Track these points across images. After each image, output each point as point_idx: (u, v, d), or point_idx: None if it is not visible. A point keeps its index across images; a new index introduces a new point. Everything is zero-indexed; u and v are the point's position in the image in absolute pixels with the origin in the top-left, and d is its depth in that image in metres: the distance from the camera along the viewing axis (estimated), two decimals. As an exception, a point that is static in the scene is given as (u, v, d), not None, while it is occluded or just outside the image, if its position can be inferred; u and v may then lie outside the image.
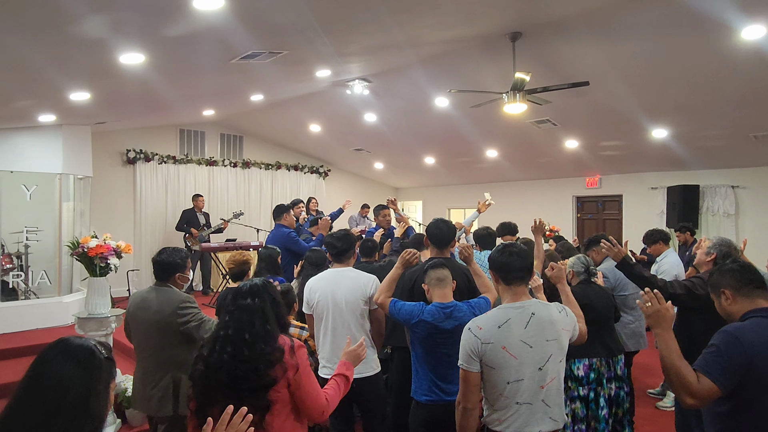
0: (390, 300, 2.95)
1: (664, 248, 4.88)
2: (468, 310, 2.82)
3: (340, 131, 9.45)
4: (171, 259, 3.00)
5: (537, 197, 10.42)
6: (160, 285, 3.01)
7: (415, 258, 3.13)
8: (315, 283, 3.28)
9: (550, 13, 4.65)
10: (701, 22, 4.42)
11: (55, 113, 6.11)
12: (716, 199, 8.21)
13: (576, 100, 6.50)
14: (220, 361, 1.94)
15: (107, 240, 3.93)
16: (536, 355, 2.06)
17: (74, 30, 3.21)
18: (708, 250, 3.16)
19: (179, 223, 8.79)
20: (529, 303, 2.14)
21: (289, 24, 3.79)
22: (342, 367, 2.26)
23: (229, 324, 2.03)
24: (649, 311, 1.99)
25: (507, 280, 2.18)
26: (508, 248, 2.23)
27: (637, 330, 4.21)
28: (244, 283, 2.15)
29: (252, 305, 2.03)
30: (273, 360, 1.93)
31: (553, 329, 2.11)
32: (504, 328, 2.07)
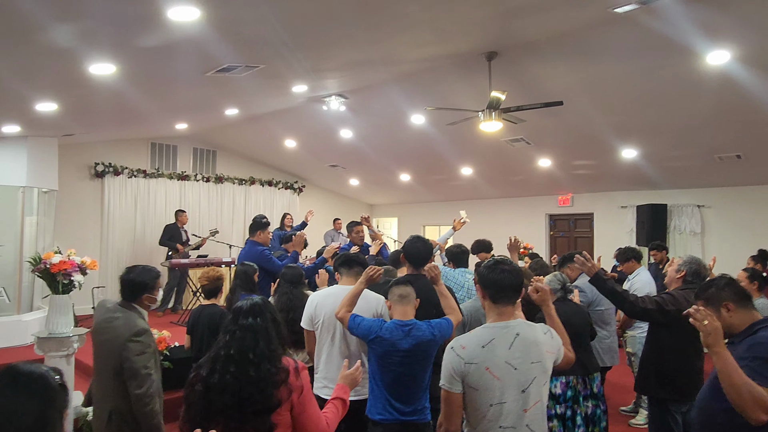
0: (350, 315, 2.90)
1: (636, 266, 4.94)
2: (427, 329, 2.78)
3: (316, 147, 9.41)
4: (140, 279, 2.82)
5: (511, 215, 10.53)
6: (125, 305, 2.84)
7: (378, 275, 3.09)
8: (322, 299, 3.16)
9: (526, 34, 4.74)
10: (669, 46, 4.57)
11: (20, 124, 5.90)
12: (683, 218, 8.43)
13: (549, 120, 6.62)
14: (223, 381, 1.86)
15: (71, 256, 3.77)
16: (520, 377, 1.99)
17: (41, 39, 3.10)
18: (678, 267, 3.22)
19: (162, 238, 8.56)
20: (515, 323, 2.08)
21: (265, 39, 3.76)
22: (339, 391, 2.20)
23: (231, 344, 1.94)
24: (709, 329, 1.93)
25: (495, 299, 2.10)
26: (500, 265, 2.13)
27: (612, 345, 4.24)
28: (243, 302, 2.07)
29: (255, 325, 1.95)
30: (278, 381, 1.86)
31: (537, 351, 2.05)
32: (488, 348, 2.00)
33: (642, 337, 4.92)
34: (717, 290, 2.19)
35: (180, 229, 8.68)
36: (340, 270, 3.28)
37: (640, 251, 5.14)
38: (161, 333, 4.41)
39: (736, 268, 5.44)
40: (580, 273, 4.30)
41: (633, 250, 5.00)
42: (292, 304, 3.87)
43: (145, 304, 2.87)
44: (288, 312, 3.82)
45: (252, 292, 4.24)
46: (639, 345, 4.90)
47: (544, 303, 2.50)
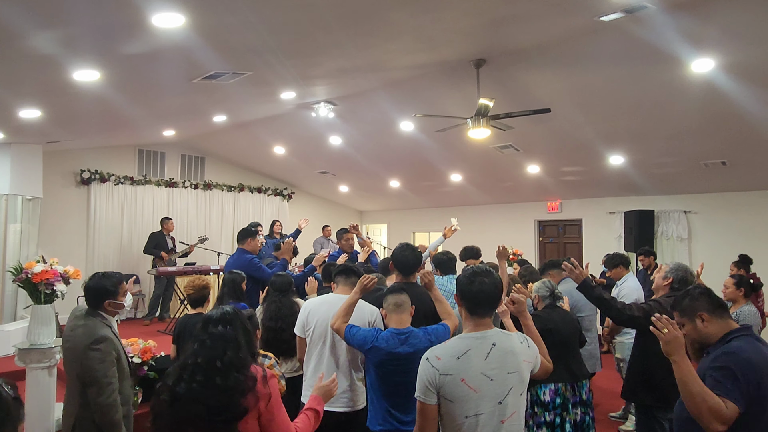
0: (346, 325, 2.88)
1: (624, 272, 4.96)
2: (424, 336, 2.77)
3: (305, 154, 9.38)
4: (100, 285, 2.78)
5: (500, 221, 10.55)
6: (90, 313, 2.79)
7: (372, 283, 3.07)
8: (315, 306, 3.15)
9: (514, 42, 4.77)
10: (654, 54, 4.61)
11: (2, 131, 5.82)
12: (670, 223, 8.49)
13: (538, 127, 6.65)
14: (190, 390, 1.84)
15: (54, 265, 3.70)
16: (497, 388, 1.95)
17: (23, 46, 3.05)
18: (665, 274, 3.23)
19: (147, 246, 8.46)
20: (491, 333, 2.05)
21: (252, 46, 3.74)
22: (313, 402, 2.18)
23: (199, 352, 1.92)
24: (668, 338, 1.97)
25: (471, 310, 2.07)
26: (479, 276, 2.07)
27: (593, 352, 4.25)
28: (214, 311, 2.06)
29: (225, 333, 1.94)
30: (246, 389, 1.84)
31: (514, 361, 2.01)
32: (463, 359, 1.96)
33: (631, 343, 4.92)
34: (691, 300, 2.20)
35: (165, 237, 8.58)
36: (337, 279, 3.27)
37: (628, 257, 5.16)
38: (147, 343, 4.34)
39: (722, 273, 5.50)
40: (561, 279, 4.31)
41: (621, 256, 5.02)
42: (281, 312, 3.84)
43: (110, 311, 2.81)
44: (277, 321, 3.79)
45: (240, 301, 4.19)
46: (628, 351, 4.88)
47: (521, 314, 2.49)
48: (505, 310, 2.61)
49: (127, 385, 2.76)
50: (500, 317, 2.60)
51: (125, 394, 2.73)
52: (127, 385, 2.77)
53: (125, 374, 2.75)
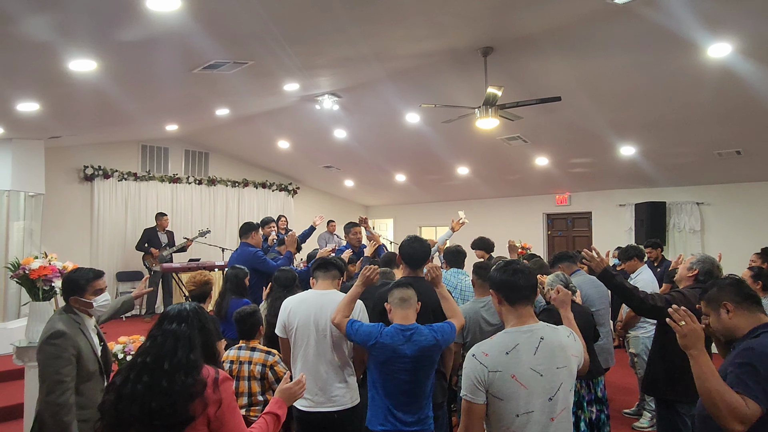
0: (347, 320, 2.76)
1: (638, 265, 4.83)
2: (430, 334, 2.67)
3: (310, 148, 9.27)
4: (68, 279, 2.65)
5: (508, 214, 10.41)
6: (64, 309, 2.67)
7: (376, 275, 2.95)
8: (295, 305, 3.01)
9: (522, 28, 4.62)
10: (669, 40, 4.45)
11: (3, 126, 5.73)
12: (682, 215, 8.32)
13: (546, 117, 6.50)
14: (134, 391, 1.72)
15: (52, 261, 3.60)
16: (546, 384, 1.87)
17: (14, 31, 2.94)
18: (690, 265, 3.10)
19: (140, 243, 8.39)
20: (538, 327, 1.96)
21: (253, 32, 3.61)
22: (274, 405, 2.02)
23: (150, 350, 1.80)
24: (685, 330, 1.88)
25: (511, 300, 1.98)
26: (511, 265, 2.03)
27: (605, 346, 4.12)
28: (173, 306, 1.95)
29: (178, 331, 1.82)
30: (193, 393, 1.72)
31: (563, 355, 1.93)
32: (512, 355, 1.88)
33: (645, 337, 4.81)
34: (718, 290, 2.10)
35: (159, 233, 8.49)
36: (316, 274, 3.13)
37: (642, 250, 5.03)
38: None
39: (736, 265, 5.34)
40: (572, 272, 4.19)
41: (635, 248, 4.88)
42: None
43: (83, 309, 2.66)
44: (281, 317, 3.68)
45: (243, 297, 4.10)
46: (642, 346, 4.78)
47: (563, 305, 2.38)
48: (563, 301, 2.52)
49: (93, 387, 2.58)
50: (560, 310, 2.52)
51: (89, 396, 2.55)
52: (94, 387, 2.59)
53: (91, 375, 2.58)
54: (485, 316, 3.44)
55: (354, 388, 2.95)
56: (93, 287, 2.67)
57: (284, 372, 3.16)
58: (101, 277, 2.73)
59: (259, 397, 3.10)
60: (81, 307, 2.65)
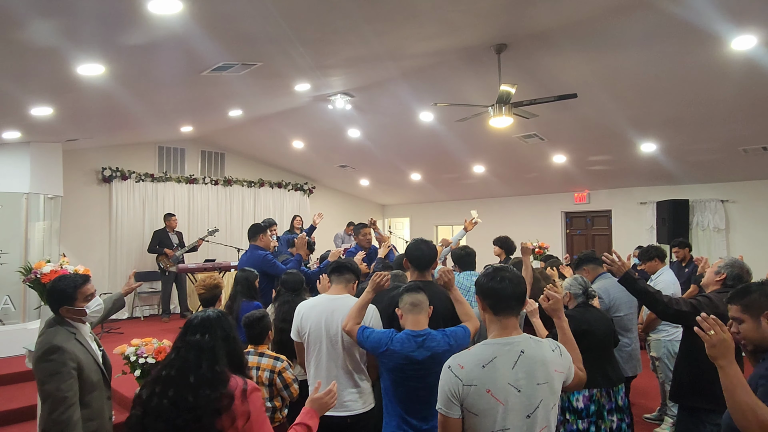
0: (358, 327, 2.70)
1: (659, 265, 4.66)
2: (443, 339, 2.58)
3: (324, 147, 9.24)
4: (54, 288, 2.47)
5: (525, 213, 10.25)
6: (55, 320, 2.48)
7: (386, 281, 2.88)
8: (307, 310, 2.98)
9: (537, 24, 4.50)
10: (690, 33, 4.30)
11: (20, 130, 5.81)
12: (706, 213, 8.08)
13: (563, 114, 6.35)
14: (159, 407, 1.69)
15: (64, 264, 3.62)
16: (525, 400, 1.77)
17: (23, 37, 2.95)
18: (718, 269, 2.96)
19: (151, 245, 8.45)
20: (519, 339, 1.86)
21: (260, 33, 3.57)
22: (305, 416, 1.97)
23: (174, 363, 1.77)
24: (714, 340, 1.76)
25: (496, 310, 1.89)
26: (499, 272, 1.92)
27: (633, 353, 3.96)
28: (196, 314, 1.90)
29: (201, 342, 1.78)
30: (220, 408, 1.68)
31: (545, 371, 1.82)
32: (489, 368, 1.78)
33: (666, 340, 4.65)
34: (761, 296, 1.95)
35: (169, 234, 8.53)
36: (331, 277, 3.08)
37: (663, 250, 4.86)
38: (161, 342, 4.24)
39: (762, 265, 5.14)
40: (598, 275, 4.05)
41: (656, 248, 4.71)
42: (293, 313, 3.68)
43: (75, 318, 2.49)
44: (289, 321, 3.62)
45: (253, 299, 4.07)
46: (663, 349, 4.62)
47: (555, 314, 2.26)
48: (533, 309, 2.37)
49: (98, 397, 2.48)
50: (529, 317, 2.37)
51: (95, 407, 2.45)
52: (99, 397, 2.49)
53: (95, 386, 2.47)
54: (497, 320, 3.35)
55: (367, 393, 2.90)
56: (83, 293, 2.51)
57: (292, 378, 3.12)
58: (88, 281, 2.57)
59: (267, 404, 3.06)
60: (73, 316, 2.50)
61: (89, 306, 2.51)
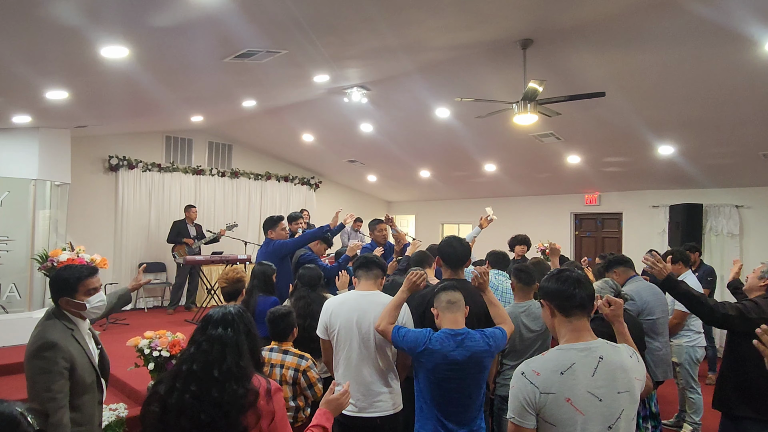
0: (393, 327, 2.61)
1: (683, 269, 4.58)
2: (482, 339, 2.51)
3: (334, 142, 9.12)
4: (57, 278, 2.34)
5: (534, 213, 10.15)
6: (54, 312, 2.32)
7: (423, 281, 2.79)
8: (337, 306, 2.87)
9: (566, 19, 4.39)
10: (720, 34, 4.21)
11: (31, 114, 5.68)
12: (720, 218, 7.99)
13: (581, 114, 6.25)
14: (182, 402, 1.61)
15: (80, 253, 3.51)
16: (606, 410, 1.66)
17: (44, 14, 2.82)
18: (762, 274, 2.87)
19: (170, 235, 8.34)
20: (596, 344, 1.75)
21: (290, 19, 3.45)
22: (321, 417, 1.89)
23: (196, 357, 1.68)
24: None
25: (566, 311, 1.78)
26: (564, 273, 1.85)
27: (665, 357, 3.88)
28: (216, 309, 1.82)
29: (225, 336, 1.70)
30: (246, 404, 1.61)
31: (625, 378, 1.71)
32: (568, 375, 1.67)
33: (689, 346, 4.58)
34: None
35: (188, 226, 8.44)
36: (358, 273, 2.97)
37: (688, 254, 4.78)
38: (175, 336, 4.15)
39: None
40: (629, 278, 3.96)
41: (681, 252, 4.63)
42: (310, 309, 3.58)
43: (70, 311, 2.33)
44: (305, 318, 3.54)
45: (271, 294, 3.98)
46: (686, 355, 4.55)
47: (617, 319, 2.16)
48: (617, 315, 2.24)
49: (90, 400, 2.32)
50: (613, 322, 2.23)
51: (85, 411, 2.29)
52: (91, 400, 2.33)
53: (87, 388, 2.30)
54: (526, 321, 3.27)
55: (397, 394, 2.81)
56: (85, 286, 2.34)
57: (317, 378, 3.03)
58: (95, 275, 2.41)
59: (290, 403, 2.97)
60: (72, 310, 2.33)
61: (90, 301, 2.35)
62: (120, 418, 3.86)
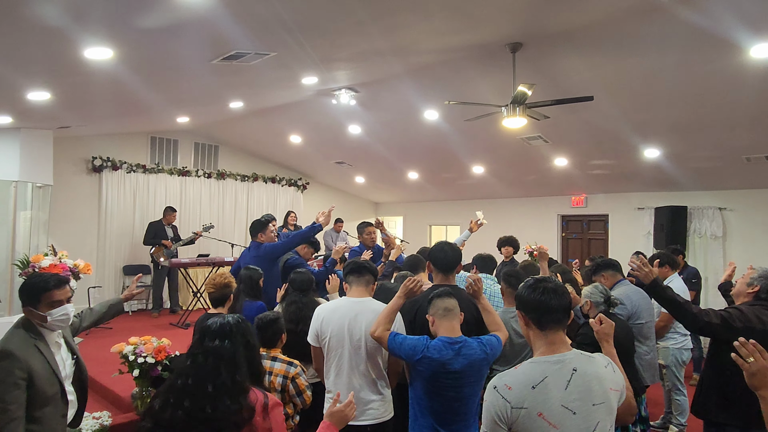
0: (389, 333, 2.58)
1: (669, 273, 4.61)
2: (479, 347, 2.49)
3: (322, 143, 9.08)
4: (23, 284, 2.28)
5: (521, 215, 10.21)
6: (22, 321, 2.27)
7: (419, 288, 2.77)
8: (328, 314, 2.84)
9: (556, 23, 4.41)
10: (707, 40, 4.26)
11: (11, 115, 5.55)
12: (703, 221, 8.11)
13: (569, 117, 6.30)
14: (173, 418, 1.56)
15: (63, 258, 3.43)
16: (581, 422, 1.63)
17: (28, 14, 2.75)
18: (751, 281, 2.88)
19: (147, 237, 8.21)
20: (570, 356, 1.72)
21: (279, 20, 3.41)
22: (324, 430, 1.85)
23: (190, 371, 1.64)
24: (753, 369, 1.65)
25: (541, 324, 1.74)
26: (541, 284, 1.80)
27: (653, 362, 3.90)
28: (214, 320, 1.76)
29: (221, 349, 1.66)
30: (240, 421, 1.57)
31: (601, 390, 1.68)
32: (540, 389, 1.64)
33: (675, 349, 4.61)
34: None
35: (165, 227, 8.30)
36: (348, 278, 2.93)
37: (676, 258, 4.82)
38: (161, 341, 4.07)
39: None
40: (617, 282, 3.98)
41: (668, 255, 4.67)
42: (302, 314, 3.54)
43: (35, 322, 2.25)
44: (297, 323, 3.50)
45: (257, 299, 3.93)
46: (672, 357, 4.59)
47: (606, 339, 2.13)
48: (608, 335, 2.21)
49: (51, 413, 2.23)
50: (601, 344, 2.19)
51: (46, 424, 2.20)
52: (53, 413, 2.25)
53: (48, 400, 2.22)
54: (516, 327, 3.25)
55: (389, 401, 2.78)
56: (48, 298, 2.25)
57: (306, 385, 2.99)
58: (62, 287, 2.31)
59: (280, 410, 2.93)
60: (35, 320, 2.26)
61: (52, 313, 2.26)
62: (103, 426, 3.78)
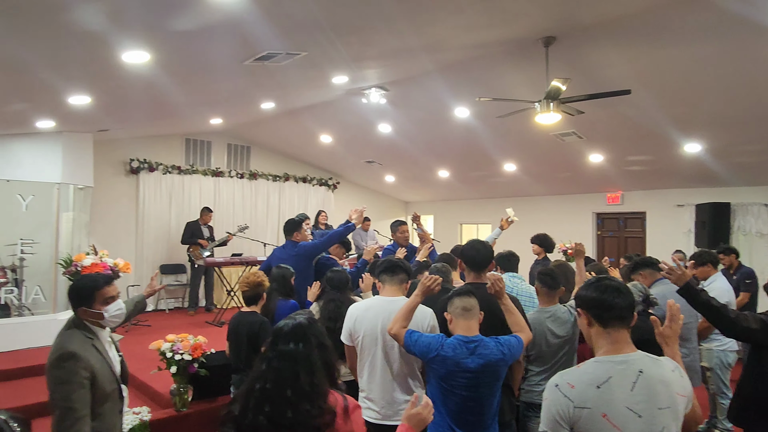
0: (405, 330, 2.56)
1: (712, 272, 4.45)
2: (496, 347, 2.45)
3: (352, 142, 9.10)
4: (73, 288, 2.34)
5: (554, 213, 10.00)
6: (74, 322, 2.31)
7: (437, 285, 2.73)
8: (361, 312, 2.85)
9: (590, 14, 4.29)
10: (750, 28, 4.07)
11: (54, 119, 5.76)
12: (748, 217, 7.77)
13: (605, 112, 6.12)
14: (255, 424, 1.55)
15: (104, 258, 3.53)
16: (645, 427, 1.58)
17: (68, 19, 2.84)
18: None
19: (185, 236, 8.41)
20: (635, 357, 1.67)
21: (310, 20, 3.42)
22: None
23: (268, 375, 1.61)
24: None
25: (604, 321, 1.70)
26: (603, 281, 1.77)
27: (692, 365, 3.75)
28: (285, 322, 1.74)
29: (296, 352, 1.63)
30: (322, 425, 1.54)
31: (667, 393, 1.63)
32: (604, 390, 1.60)
33: (719, 350, 4.44)
34: None
35: (202, 227, 8.49)
36: (382, 277, 2.92)
37: (717, 256, 4.63)
38: (197, 339, 4.15)
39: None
40: (654, 281, 3.85)
41: (710, 253, 4.49)
42: (340, 311, 3.54)
43: (90, 321, 2.32)
44: (336, 321, 3.50)
45: (289, 297, 3.96)
46: (716, 360, 4.42)
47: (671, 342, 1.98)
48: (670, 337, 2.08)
49: (111, 409, 2.30)
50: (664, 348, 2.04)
51: (107, 420, 2.27)
52: (112, 409, 2.32)
53: (108, 397, 2.29)
54: (552, 327, 3.19)
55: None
56: (102, 295, 2.33)
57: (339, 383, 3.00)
58: (111, 283, 2.40)
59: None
60: (91, 319, 2.33)
61: (108, 309, 2.34)
62: (143, 422, 3.88)
